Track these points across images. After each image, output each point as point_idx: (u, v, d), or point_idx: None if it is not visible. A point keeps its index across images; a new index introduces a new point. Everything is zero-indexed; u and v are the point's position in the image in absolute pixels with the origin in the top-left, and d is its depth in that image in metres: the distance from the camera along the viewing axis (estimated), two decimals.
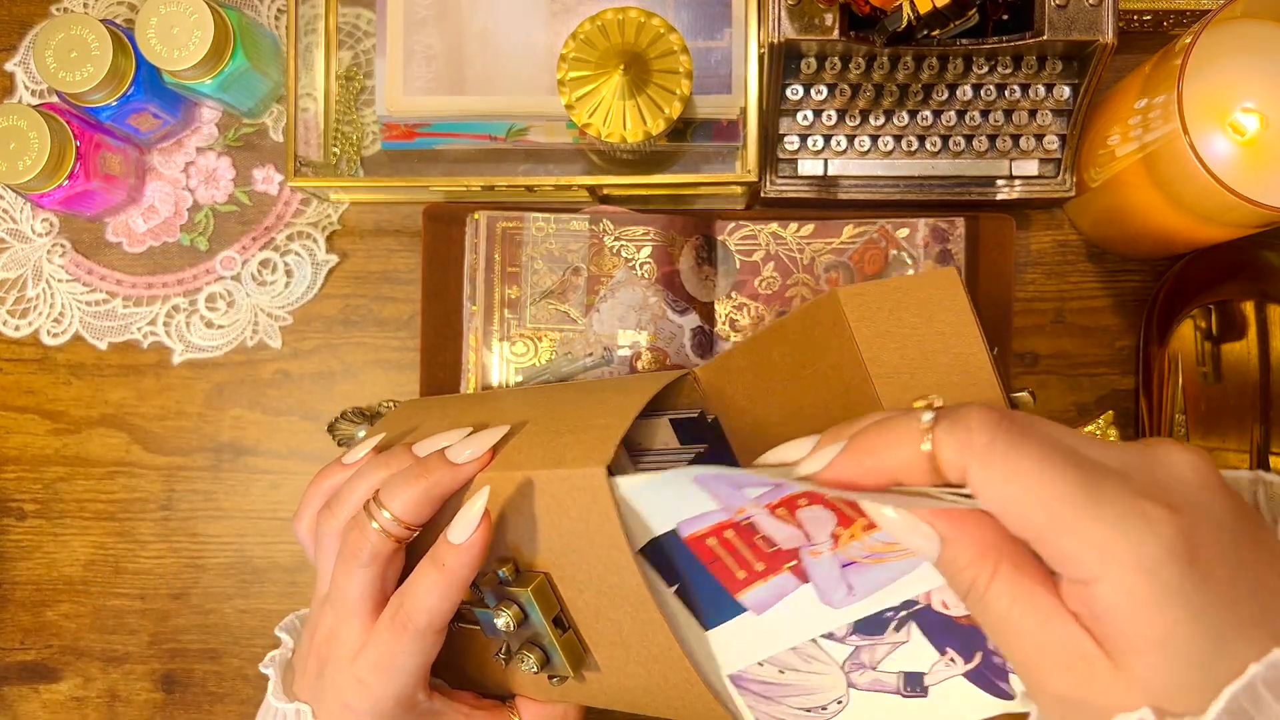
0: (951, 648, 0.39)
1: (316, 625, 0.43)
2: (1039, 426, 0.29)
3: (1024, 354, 0.60)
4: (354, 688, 0.41)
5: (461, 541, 0.39)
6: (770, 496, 0.36)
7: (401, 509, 0.41)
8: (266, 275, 0.61)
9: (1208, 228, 0.51)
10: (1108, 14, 0.51)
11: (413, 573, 0.41)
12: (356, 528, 0.41)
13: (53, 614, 0.61)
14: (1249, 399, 0.56)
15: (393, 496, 0.41)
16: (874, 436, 0.30)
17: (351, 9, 0.61)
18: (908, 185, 0.57)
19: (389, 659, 0.41)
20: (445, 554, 0.40)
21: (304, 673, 0.44)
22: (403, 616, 0.41)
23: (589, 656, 0.42)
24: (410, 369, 0.61)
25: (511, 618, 0.41)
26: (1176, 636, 0.26)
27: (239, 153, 0.62)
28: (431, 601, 0.40)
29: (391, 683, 0.41)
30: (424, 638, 0.41)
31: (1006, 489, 0.28)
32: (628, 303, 0.56)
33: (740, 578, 0.39)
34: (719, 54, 0.57)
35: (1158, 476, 0.28)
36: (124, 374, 0.62)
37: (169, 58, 0.54)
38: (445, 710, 0.44)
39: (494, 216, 0.57)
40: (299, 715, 0.43)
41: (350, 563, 0.41)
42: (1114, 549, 0.26)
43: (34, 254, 0.62)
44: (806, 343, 0.44)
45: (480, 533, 0.39)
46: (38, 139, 0.54)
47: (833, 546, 0.37)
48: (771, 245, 0.57)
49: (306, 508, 0.46)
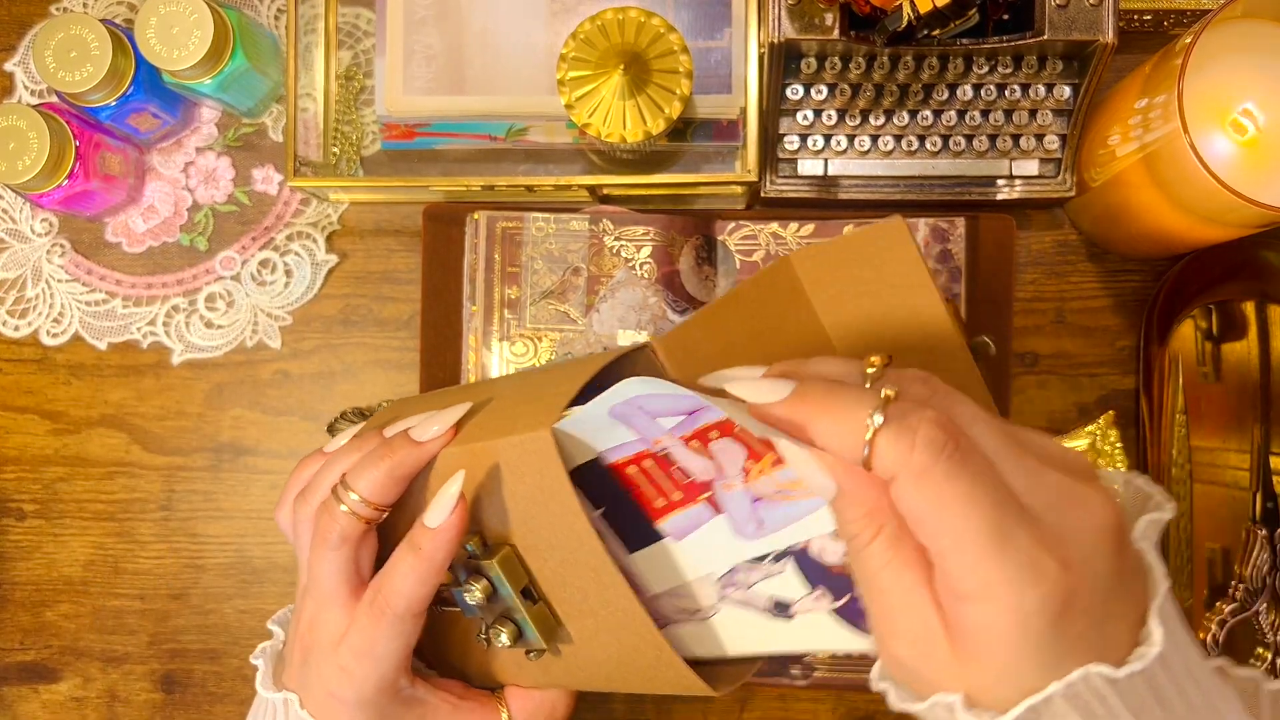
0: (823, 585, 0.41)
1: (300, 614, 0.44)
2: (975, 458, 0.29)
3: (1024, 354, 0.59)
4: (337, 675, 0.42)
5: (437, 525, 0.40)
6: (684, 428, 0.38)
7: (367, 489, 0.41)
8: (266, 275, 0.61)
9: (1208, 228, 0.51)
10: (1108, 14, 0.51)
11: (390, 558, 0.41)
12: (325, 512, 0.42)
13: (52, 614, 0.61)
14: (1249, 399, 0.56)
15: (358, 478, 0.41)
16: (821, 402, 0.31)
17: (351, 9, 0.61)
18: (908, 185, 0.57)
19: (369, 645, 0.41)
20: (421, 538, 0.40)
21: (291, 662, 0.44)
22: (380, 602, 0.41)
23: (561, 629, 0.43)
24: (410, 369, 0.61)
25: (481, 591, 0.41)
26: (1018, 665, 0.29)
27: (238, 152, 0.62)
28: (409, 586, 0.40)
29: (374, 669, 0.41)
30: (403, 622, 0.41)
31: (925, 511, 0.29)
32: (628, 303, 0.56)
33: (659, 505, 0.42)
34: (719, 54, 0.57)
35: (1068, 525, 0.30)
36: (124, 374, 0.62)
37: (168, 57, 0.54)
38: (428, 698, 0.44)
39: (494, 216, 0.57)
40: (286, 704, 0.43)
41: (321, 547, 0.42)
42: (1000, 589, 0.28)
43: (33, 254, 0.62)
44: (764, 310, 0.44)
45: (456, 515, 0.40)
46: (37, 139, 0.54)
47: (744, 480, 0.38)
48: (771, 245, 0.57)
49: (286, 497, 0.46)
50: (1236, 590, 0.55)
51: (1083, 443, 0.55)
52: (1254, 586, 0.55)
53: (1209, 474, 0.56)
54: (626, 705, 0.59)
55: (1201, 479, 0.56)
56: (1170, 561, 0.56)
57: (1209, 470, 0.56)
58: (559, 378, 0.44)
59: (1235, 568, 0.55)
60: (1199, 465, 0.56)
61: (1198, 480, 0.56)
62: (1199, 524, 0.56)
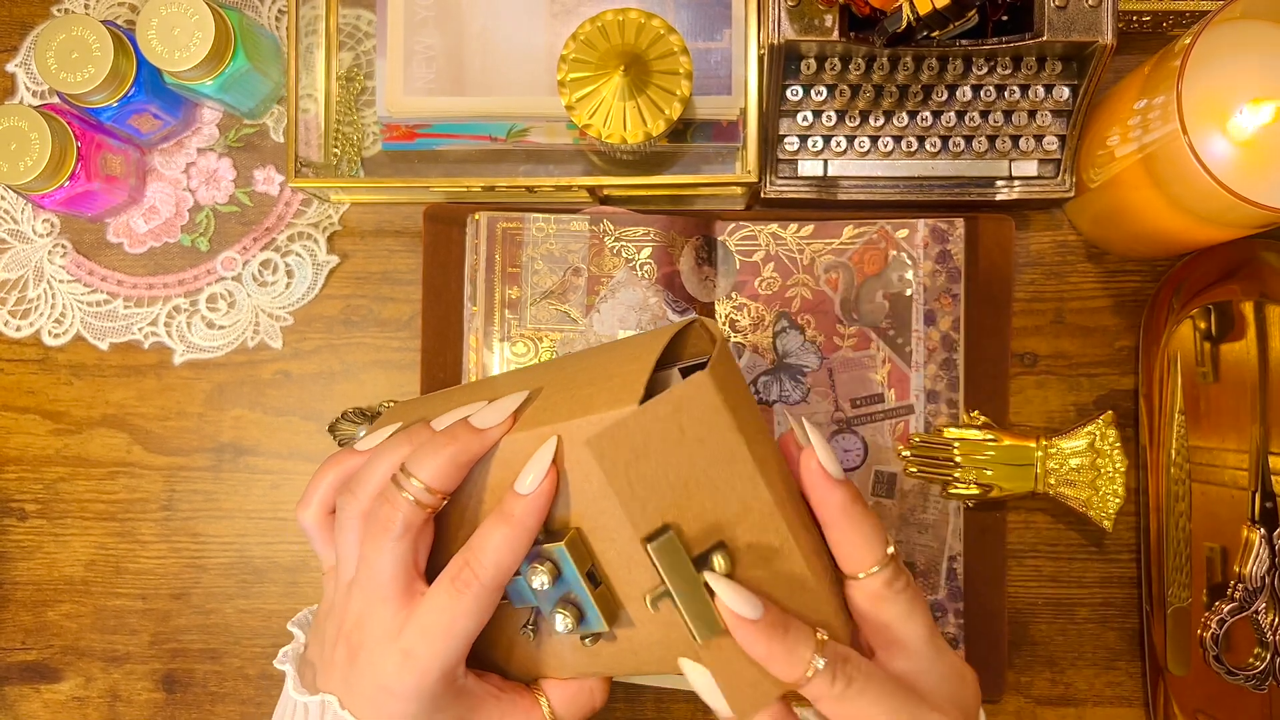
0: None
1: (344, 612, 0.43)
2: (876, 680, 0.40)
3: (1024, 354, 0.60)
4: (397, 665, 0.41)
5: (530, 491, 0.40)
6: None
7: (431, 476, 0.41)
8: (267, 276, 0.62)
9: (1207, 228, 0.51)
10: (1107, 15, 0.51)
11: (477, 531, 0.41)
12: (386, 501, 0.41)
13: (54, 614, 0.61)
14: (1248, 399, 0.56)
15: (420, 465, 0.41)
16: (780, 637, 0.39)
17: (352, 10, 0.61)
18: (907, 186, 0.57)
19: (446, 622, 0.41)
20: (513, 505, 0.40)
21: (329, 664, 0.43)
22: (468, 574, 0.41)
23: (623, 612, 0.42)
24: (411, 369, 0.61)
25: (547, 574, 0.40)
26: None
27: (240, 153, 0.62)
28: (501, 554, 0.40)
29: (445, 650, 0.41)
30: (488, 594, 0.41)
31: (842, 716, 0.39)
32: (628, 303, 0.57)
33: None
34: (719, 55, 0.58)
35: (957, 696, 0.41)
36: (125, 374, 0.62)
37: (170, 59, 0.54)
38: (477, 690, 0.44)
39: (494, 217, 0.57)
40: (324, 706, 0.43)
41: (382, 537, 0.41)
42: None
43: (35, 254, 0.62)
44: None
45: (549, 481, 0.40)
46: (39, 140, 0.54)
47: None
48: (771, 246, 0.57)
49: (314, 495, 0.45)
50: (1235, 590, 0.55)
51: (1081, 443, 0.55)
52: (1253, 586, 0.55)
53: (1207, 474, 0.56)
54: (627, 706, 0.59)
55: (1200, 479, 0.56)
56: (1169, 561, 0.56)
57: (1207, 470, 0.56)
58: (613, 361, 0.43)
59: (1234, 567, 0.55)
60: (1197, 465, 0.56)
61: (1196, 480, 0.56)
62: (1197, 524, 0.56)
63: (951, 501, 0.56)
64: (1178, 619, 0.56)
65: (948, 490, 0.56)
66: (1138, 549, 0.59)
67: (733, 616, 0.38)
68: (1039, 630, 0.59)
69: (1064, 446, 0.55)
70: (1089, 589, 0.59)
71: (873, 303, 0.57)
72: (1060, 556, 0.59)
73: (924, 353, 0.56)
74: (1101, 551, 0.59)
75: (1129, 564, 0.59)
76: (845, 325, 0.57)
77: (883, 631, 0.41)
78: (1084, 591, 0.59)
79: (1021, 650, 0.59)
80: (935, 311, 0.57)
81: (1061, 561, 0.59)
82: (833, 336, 0.57)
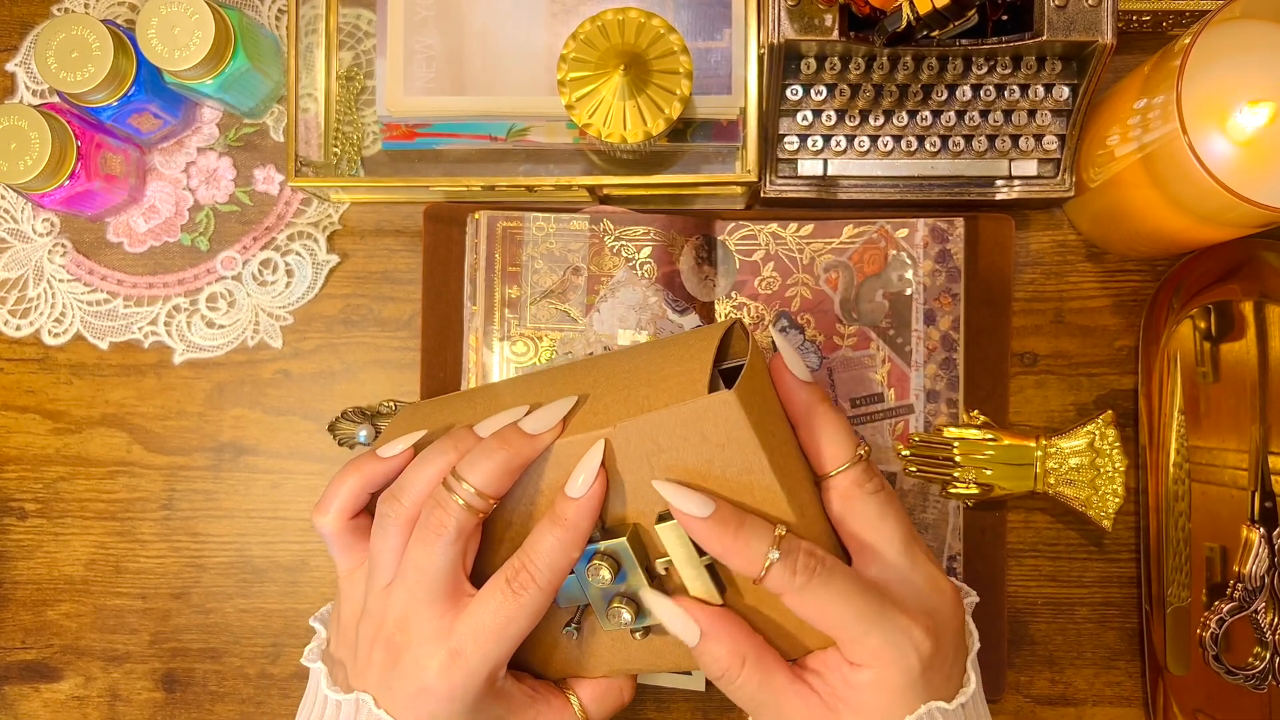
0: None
1: (383, 614, 0.43)
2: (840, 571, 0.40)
3: (1023, 354, 0.60)
4: (444, 665, 0.41)
5: (581, 494, 0.41)
6: None
7: (483, 481, 0.41)
8: (267, 275, 0.62)
9: (1207, 228, 0.51)
10: (1107, 14, 0.51)
11: (530, 535, 0.42)
12: (439, 506, 0.42)
13: (54, 613, 0.61)
14: (1248, 399, 0.56)
15: (472, 470, 0.42)
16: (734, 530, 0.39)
17: (352, 9, 0.61)
18: (907, 185, 0.57)
19: (500, 624, 0.41)
20: (565, 508, 0.41)
21: (366, 664, 0.43)
22: (524, 577, 0.41)
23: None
24: (411, 369, 0.61)
25: (609, 569, 0.42)
26: (891, 710, 0.40)
27: (240, 153, 0.62)
28: (555, 557, 0.41)
29: (494, 651, 0.41)
30: (544, 596, 0.42)
31: (814, 612, 0.40)
32: (628, 302, 0.57)
33: None
34: (719, 54, 0.58)
35: (932, 605, 0.41)
36: (125, 374, 0.62)
37: (170, 58, 0.54)
38: (515, 692, 0.45)
39: (494, 216, 0.57)
40: (359, 705, 0.43)
41: (435, 541, 0.42)
42: (884, 653, 0.40)
43: (35, 254, 0.62)
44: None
45: (599, 484, 0.41)
46: (39, 139, 0.54)
47: None
48: (771, 245, 0.57)
49: (334, 500, 0.46)
50: (1235, 589, 0.55)
51: (1081, 442, 0.55)
52: (1252, 586, 0.55)
53: (1207, 473, 0.56)
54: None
55: (1200, 478, 0.56)
56: (1169, 561, 0.56)
57: (1207, 470, 0.56)
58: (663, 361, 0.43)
59: (1234, 567, 0.55)
60: (1197, 465, 0.56)
61: (1196, 480, 0.56)
62: (1197, 523, 0.56)
63: (951, 501, 0.56)
64: (1177, 619, 0.56)
65: (947, 490, 0.56)
66: (1137, 548, 0.59)
67: (685, 517, 0.39)
68: (1038, 630, 0.59)
69: (1063, 446, 0.55)
70: (1088, 588, 0.59)
71: (872, 302, 0.57)
72: (1060, 556, 0.59)
73: (924, 352, 0.56)
74: (1101, 551, 0.59)
75: (1129, 563, 0.59)
76: (845, 325, 0.57)
77: (856, 536, 0.42)
78: (1083, 591, 0.59)
79: (1021, 650, 0.59)
80: (935, 311, 0.57)
81: (1061, 561, 0.59)
82: (832, 336, 0.57)
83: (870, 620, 0.39)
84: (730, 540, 0.39)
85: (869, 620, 0.39)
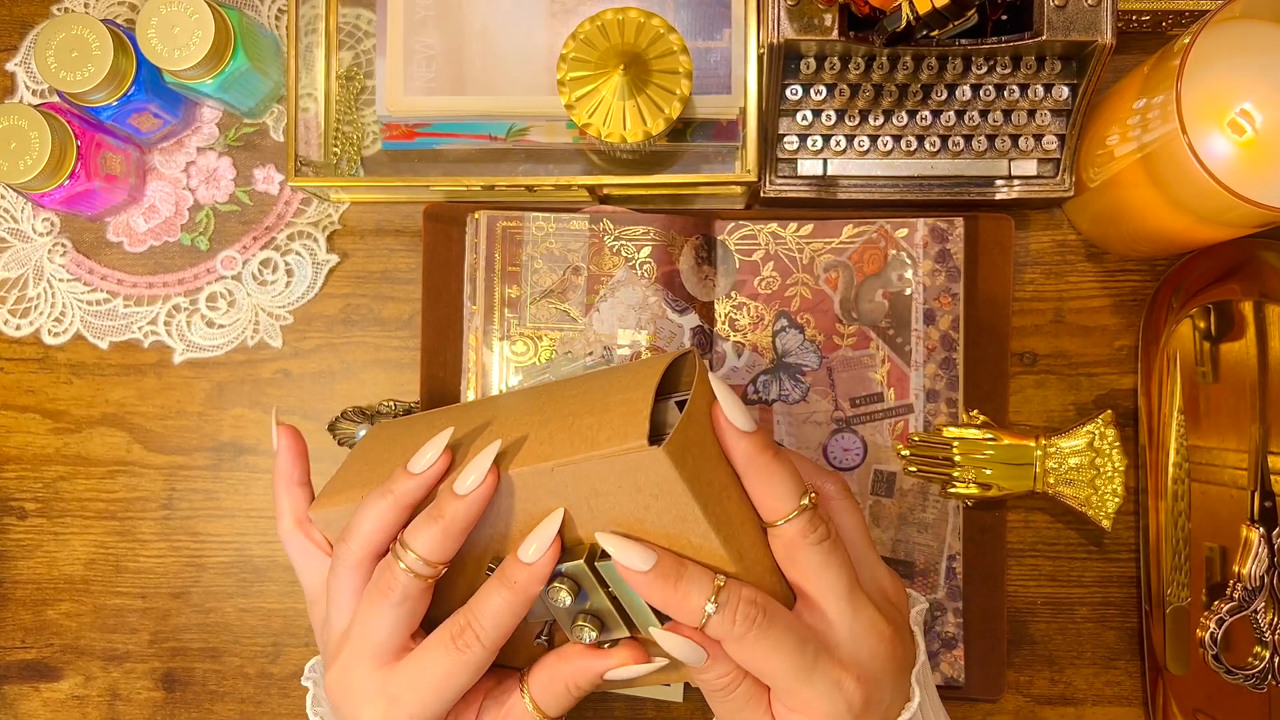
0: None
1: (333, 662, 0.43)
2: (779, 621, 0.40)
3: (1023, 354, 0.60)
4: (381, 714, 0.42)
5: (533, 560, 0.41)
6: None
7: (427, 550, 0.41)
8: (267, 275, 0.62)
9: (1206, 228, 0.51)
10: (1106, 14, 0.51)
11: (479, 592, 0.42)
12: (387, 569, 0.42)
13: (54, 613, 0.61)
14: (1247, 399, 0.56)
15: (415, 538, 0.41)
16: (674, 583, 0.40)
17: (352, 9, 0.61)
18: (907, 185, 0.57)
19: (440, 677, 0.41)
20: (517, 572, 0.41)
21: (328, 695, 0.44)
22: (469, 635, 0.41)
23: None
24: (410, 368, 0.61)
25: (569, 591, 0.41)
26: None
27: (239, 152, 0.62)
28: (501, 617, 0.41)
29: (433, 702, 0.42)
30: (487, 654, 0.42)
31: (750, 660, 0.41)
32: (628, 302, 0.57)
33: None
34: (719, 54, 0.58)
35: (861, 652, 0.42)
36: (125, 373, 0.62)
37: (170, 57, 0.54)
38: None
39: (494, 216, 0.57)
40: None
41: (382, 601, 0.42)
42: (815, 703, 0.41)
43: (35, 253, 0.62)
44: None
45: (552, 551, 0.41)
46: (39, 139, 0.54)
47: None
48: (771, 245, 0.58)
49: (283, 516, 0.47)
50: (1234, 589, 0.55)
51: (1080, 442, 0.55)
52: (1252, 586, 0.55)
53: (1207, 473, 0.56)
54: (627, 705, 0.59)
55: (1199, 478, 0.56)
56: (1168, 561, 0.56)
57: (1207, 470, 0.56)
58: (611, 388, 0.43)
59: (1233, 567, 0.55)
60: (1197, 465, 0.56)
61: (1196, 479, 0.56)
62: (1197, 523, 0.56)
63: (951, 501, 0.56)
64: (1177, 618, 0.56)
65: (947, 489, 0.56)
66: (1137, 548, 0.59)
67: (625, 570, 0.40)
68: (1038, 629, 0.59)
69: (1063, 446, 0.55)
70: (1088, 588, 0.59)
71: (872, 302, 0.57)
72: (1060, 556, 0.59)
73: (923, 352, 0.56)
74: (1101, 551, 0.59)
75: (1128, 563, 0.59)
76: (845, 324, 0.57)
77: (798, 586, 0.42)
78: (1083, 591, 0.59)
79: (1021, 649, 0.59)
80: (935, 311, 0.57)
81: (1061, 561, 0.59)
82: (832, 336, 0.57)
83: (803, 673, 0.40)
84: (670, 592, 0.40)
85: (803, 673, 0.40)
